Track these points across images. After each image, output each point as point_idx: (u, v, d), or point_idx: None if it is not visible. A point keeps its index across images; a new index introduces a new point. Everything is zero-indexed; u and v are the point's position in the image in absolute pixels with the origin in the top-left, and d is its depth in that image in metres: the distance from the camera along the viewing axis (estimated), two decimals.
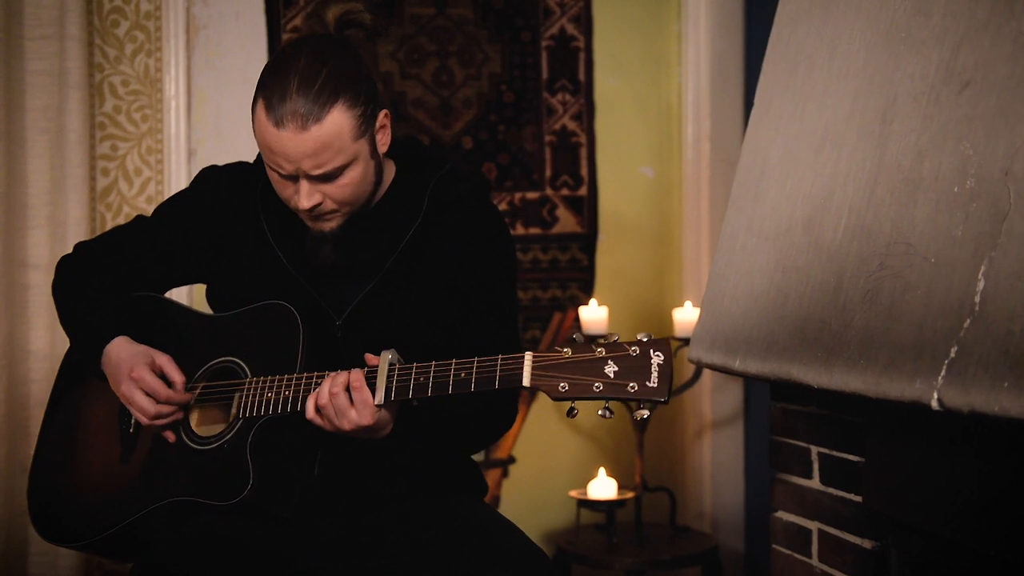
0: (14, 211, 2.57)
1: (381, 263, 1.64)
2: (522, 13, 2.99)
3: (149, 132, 2.73)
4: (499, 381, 1.38)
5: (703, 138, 3.07)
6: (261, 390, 1.57)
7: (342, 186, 1.56)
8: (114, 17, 2.71)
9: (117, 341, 1.65)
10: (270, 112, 1.51)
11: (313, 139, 1.50)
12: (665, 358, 1.31)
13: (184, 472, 1.63)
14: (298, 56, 1.53)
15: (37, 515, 1.78)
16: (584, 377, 1.33)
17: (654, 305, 3.11)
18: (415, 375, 1.44)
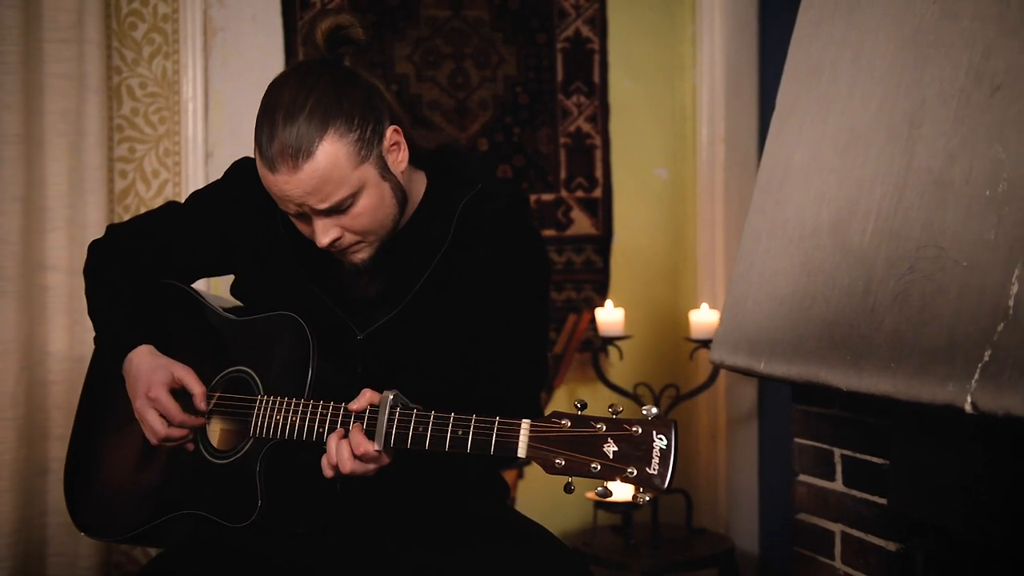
0: (33, 214, 2.58)
1: (408, 287, 1.59)
2: (537, 15, 3.00)
3: (166, 134, 2.74)
4: (494, 447, 1.33)
5: (718, 140, 3.08)
6: (271, 411, 1.54)
7: (356, 216, 1.50)
8: (132, 20, 2.72)
9: (140, 350, 1.63)
10: (262, 157, 1.45)
11: (308, 176, 1.43)
12: (668, 442, 1.23)
13: (199, 484, 1.62)
14: (282, 91, 1.46)
15: (71, 504, 1.79)
16: (582, 455, 1.26)
17: (668, 306, 3.11)
18: (414, 425, 1.40)
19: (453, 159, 1.67)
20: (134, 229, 1.80)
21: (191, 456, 1.64)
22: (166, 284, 1.78)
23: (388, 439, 1.41)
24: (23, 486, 2.54)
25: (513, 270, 1.61)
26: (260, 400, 1.56)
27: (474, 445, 1.34)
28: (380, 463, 1.44)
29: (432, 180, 1.64)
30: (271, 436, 1.53)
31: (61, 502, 2.58)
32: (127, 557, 2.71)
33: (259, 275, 1.70)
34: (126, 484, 1.73)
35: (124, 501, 1.72)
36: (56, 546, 2.61)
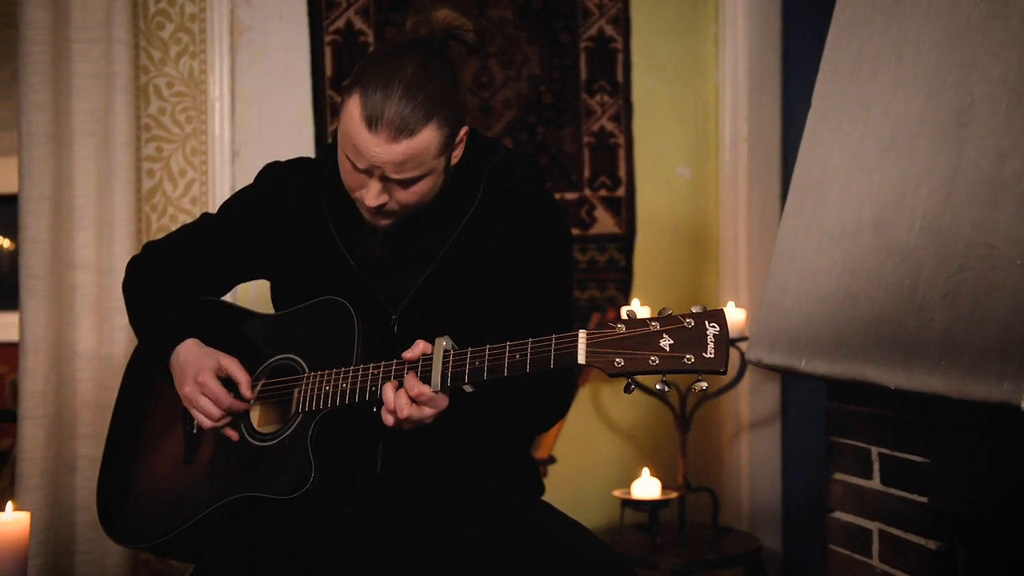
0: (61, 213, 2.59)
1: (436, 252, 1.65)
2: (561, 15, 3.00)
3: (193, 133, 2.75)
4: (554, 360, 1.37)
5: (740, 139, 3.08)
6: (319, 384, 1.58)
7: (411, 192, 1.58)
8: (159, 20, 2.73)
9: (186, 344, 1.67)
10: (365, 110, 1.51)
11: (402, 151, 1.51)
12: (721, 328, 1.30)
13: (246, 469, 1.64)
14: (405, 63, 1.53)
15: (104, 516, 1.80)
16: (639, 351, 1.31)
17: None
18: (470, 360, 1.45)
19: (472, 136, 1.73)
20: (171, 243, 1.84)
21: (236, 445, 1.66)
22: (205, 300, 1.82)
23: (444, 379, 1.45)
24: (52, 484, 2.55)
25: (540, 234, 1.68)
26: (307, 377, 1.60)
27: (533, 363, 1.38)
28: (437, 407, 1.48)
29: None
30: (320, 407, 1.56)
31: (89, 499, 2.61)
32: (154, 555, 2.72)
33: (298, 270, 1.73)
34: (165, 489, 1.75)
35: (163, 505, 1.73)
36: (84, 543, 2.62)
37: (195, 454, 1.72)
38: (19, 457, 2.51)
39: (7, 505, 1.96)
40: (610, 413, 3.03)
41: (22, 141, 2.54)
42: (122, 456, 1.82)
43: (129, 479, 1.79)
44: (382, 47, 1.64)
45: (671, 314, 1.33)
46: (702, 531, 2.71)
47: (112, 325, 2.62)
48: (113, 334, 2.62)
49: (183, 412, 1.75)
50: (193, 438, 1.74)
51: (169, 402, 1.77)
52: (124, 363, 2.60)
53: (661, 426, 3.01)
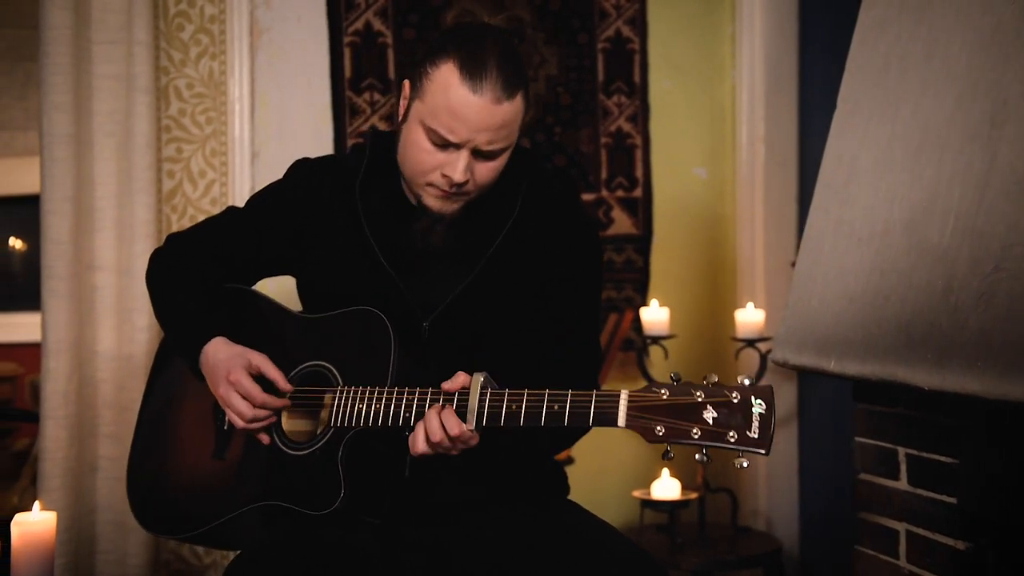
0: (82, 214, 2.59)
1: (473, 263, 1.65)
2: (578, 15, 3.01)
3: (213, 134, 2.75)
4: (593, 419, 1.38)
5: (757, 140, 3.08)
6: (352, 401, 1.57)
7: (491, 168, 1.59)
8: (179, 21, 2.73)
9: (215, 342, 1.67)
10: (467, 75, 1.51)
11: (502, 114, 1.53)
12: (767, 408, 1.29)
13: (276, 476, 1.64)
14: (491, 37, 1.56)
15: (136, 506, 1.80)
16: (682, 422, 1.31)
17: (707, 306, 3.12)
18: (507, 403, 1.44)
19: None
20: (195, 235, 1.83)
21: (266, 450, 1.66)
22: (232, 288, 1.80)
23: (480, 419, 1.45)
24: (74, 484, 2.55)
25: (574, 250, 1.68)
26: (340, 391, 1.59)
27: (572, 418, 1.38)
28: (467, 444, 1.48)
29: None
30: (353, 425, 1.56)
31: (110, 499, 2.61)
32: (175, 555, 2.73)
33: (328, 269, 1.72)
34: (195, 482, 1.75)
35: (193, 499, 1.73)
36: (105, 543, 2.63)
37: (226, 450, 1.73)
38: (41, 457, 2.52)
39: (34, 504, 1.97)
40: None
41: (43, 142, 2.54)
42: (152, 446, 1.82)
43: (160, 470, 1.79)
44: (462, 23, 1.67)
45: (717, 384, 1.31)
46: (721, 531, 2.71)
47: (132, 326, 2.62)
48: (134, 335, 2.62)
49: (213, 406, 1.75)
50: (224, 434, 1.74)
51: (198, 395, 1.76)
52: (145, 363, 2.62)
53: None
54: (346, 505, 1.55)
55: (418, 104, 1.57)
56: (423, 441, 1.48)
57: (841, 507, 2.88)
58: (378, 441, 1.60)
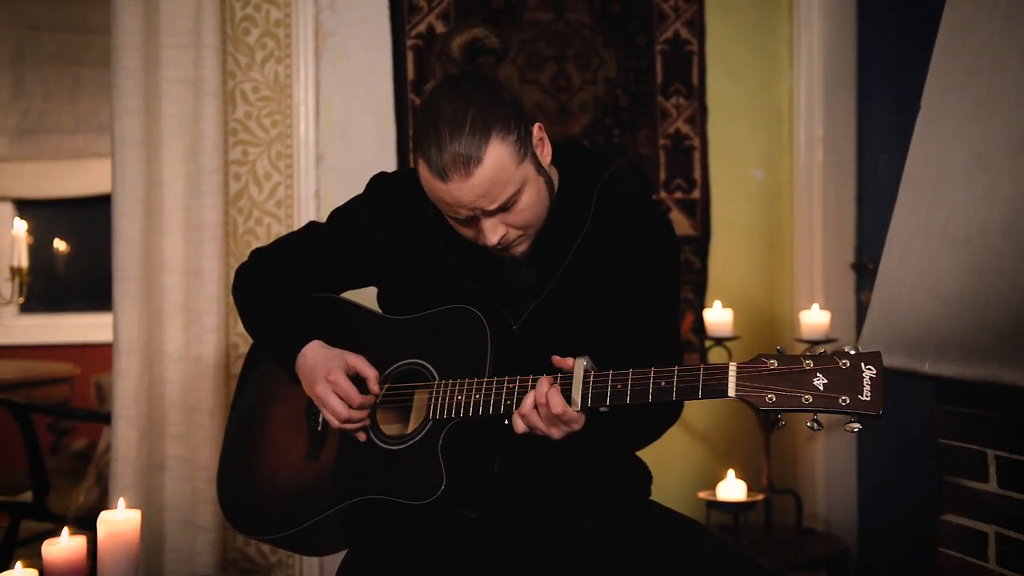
0: (152, 216, 2.62)
1: (555, 267, 1.66)
2: (637, 18, 3.01)
3: (278, 137, 2.78)
4: (702, 391, 1.39)
5: (815, 141, 3.08)
6: (451, 393, 1.60)
7: (520, 212, 1.59)
8: (245, 25, 2.76)
9: (312, 345, 1.69)
10: (432, 168, 1.53)
11: (480, 180, 1.52)
12: (877, 371, 1.30)
13: (375, 471, 1.66)
14: (440, 105, 1.54)
15: (228, 508, 1.82)
16: (792, 389, 1.32)
17: (764, 307, 3.12)
18: (612, 383, 1.46)
19: (578, 150, 1.75)
20: (280, 249, 1.86)
21: (363, 447, 1.68)
22: (321, 296, 1.83)
23: (585, 399, 1.46)
24: (143, 483, 2.59)
25: (652, 249, 1.69)
26: (437, 385, 1.62)
27: (680, 392, 1.40)
28: (571, 427, 1.49)
29: (563, 171, 1.72)
30: (452, 416, 1.58)
31: (178, 498, 2.64)
32: (242, 554, 2.75)
33: (410, 282, 1.75)
34: (289, 484, 1.76)
35: (287, 500, 1.75)
36: (173, 542, 2.65)
37: (319, 451, 1.74)
38: (114, 457, 2.55)
39: (119, 502, 2.00)
40: (688, 414, 3.03)
41: (115, 146, 2.58)
42: (244, 449, 1.84)
43: (252, 472, 1.81)
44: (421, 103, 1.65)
45: (824, 353, 1.33)
46: (786, 533, 2.71)
47: (200, 327, 2.65)
48: (201, 335, 2.65)
49: (307, 408, 1.77)
50: (318, 435, 1.76)
51: (291, 398, 1.79)
52: (213, 364, 2.65)
53: (737, 426, 3.01)
54: (447, 495, 1.56)
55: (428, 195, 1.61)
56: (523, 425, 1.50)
57: (901, 508, 2.87)
58: (474, 432, 1.61)
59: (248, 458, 1.83)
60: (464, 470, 1.61)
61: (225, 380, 2.70)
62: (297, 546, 1.86)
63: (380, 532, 1.62)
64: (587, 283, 1.67)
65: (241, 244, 2.74)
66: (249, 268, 1.86)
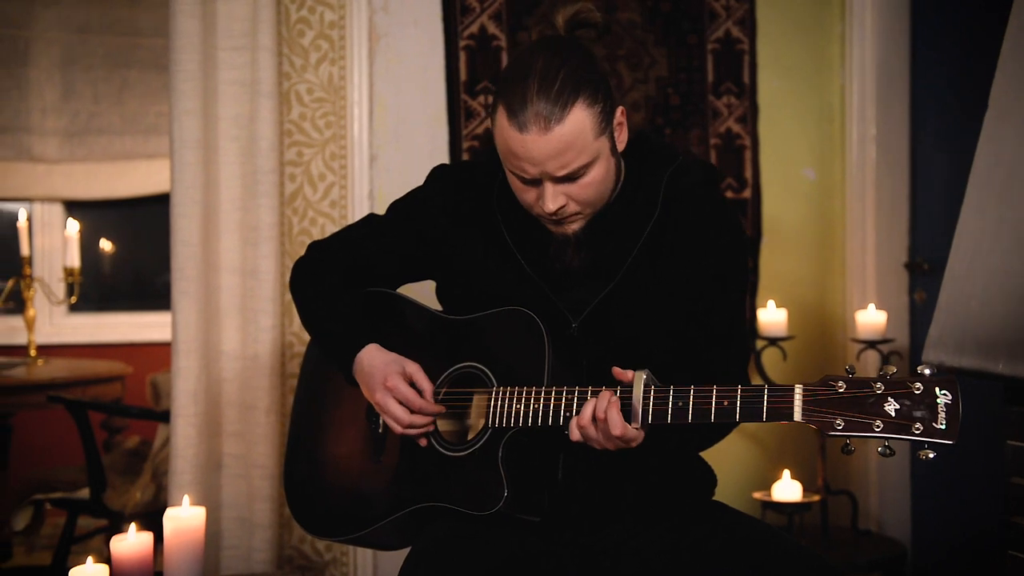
0: (209, 216, 2.65)
1: (618, 263, 1.65)
2: (688, 17, 3.01)
3: (333, 138, 2.80)
4: (767, 414, 1.36)
5: (868, 140, 3.06)
6: (510, 401, 1.58)
7: (585, 186, 1.57)
8: (300, 27, 2.78)
9: (368, 349, 1.68)
10: (512, 117, 1.52)
11: (557, 140, 1.51)
12: (952, 397, 1.26)
13: (437, 477, 1.66)
14: (534, 58, 1.54)
15: (295, 507, 1.83)
16: (862, 415, 1.29)
17: (816, 307, 3.10)
18: (673, 399, 1.44)
19: (645, 141, 1.73)
20: (337, 242, 1.85)
21: (424, 451, 1.68)
22: (377, 292, 1.82)
23: (645, 416, 1.44)
24: (202, 480, 2.61)
25: (719, 241, 1.66)
26: (496, 392, 1.61)
27: (743, 414, 1.38)
28: (628, 445, 1.48)
29: (628, 161, 1.70)
30: (511, 425, 1.57)
31: (235, 496, 2.67)
32: (297, 552, 2.78)
33: (472, 275, 1.74)
34: (353, 485, 1.77)
35: (352, 501, 1.76)
36: (230, 539, 2.68)
37: (381, 453, 1.75)
38: (173, 454, 2.58)
39: (183, 499, 2.03)
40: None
41: (174, 147, 2.61)
42: (309, 449, 1.85)
43: (316, 472, 1.82)
44: (513, 56, 1.65)
45: (896, 375, 1.29)
46: (842, 535, 2.70)
47: (257, 326, 2.68)
48: (258, 335, 2.67)
49: (367, 410, 1.78)
50: (379, 437, 1.76)
51: (352, 398, 1.79)
52: (269, 363, 2.67)
53: (789, 427, 2.99)
54: (508, 505, 1.57)
55: (497, 147, 1.60)
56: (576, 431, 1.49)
57: (956, 509, 2.84)
58: (536, 439, 1.61)
59: (313, 458, 1.84)
60: (526, 476, 1.60)
61: (280, 379, 2.72)
62: (362, 544, 1.88)
63: (442, 536, 1.62)
64: (651, 279, 1.65)
65: (296, 244, 2.77)
66: (307, 262, 1.85)
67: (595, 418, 1.47)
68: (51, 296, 3.99)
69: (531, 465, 1.62)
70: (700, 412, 1.42)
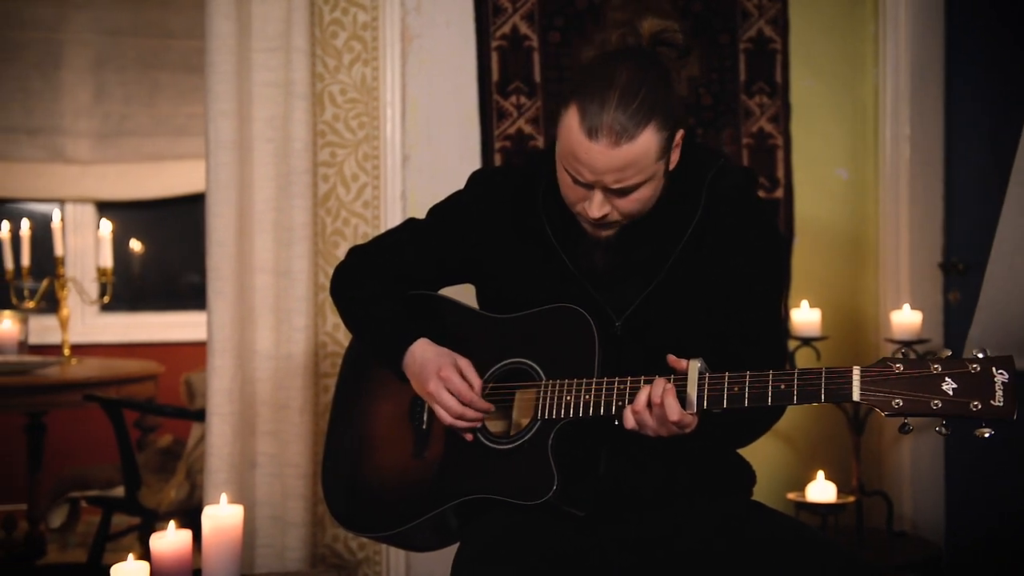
0: (244, 217, 2.67)
1: (660, 263, 1.66)
2: (720, 16, 3.00)
3: (365, 139, 2.81)
4: (825, 395, 1.38)
5: (902, 139, 3.04)
6: (559, 393, 1.60)
7: (632, 200, 1.59)
8: (333, 29, 2.80)
9: (420, 343, 1.70)
10: (584, 121, 1.53)
11: (623, 156, 1.53)
12: (1010, 376, 1.28)
13: (484, 470, 1.67)
14: (619, 68, 1.54)
15: (334, 505, 1.84)
16: (920, 394, 1.31)
17: (849, 307, 3.08)
18: (728, 385, 1.45)
19: (689, 142, 1.73)
20: (379, 247, 1.87)
21: (470, 446, 1.69)
22: (420, 294, 1.84)
23: (700, 402, 1.46)
24: (237, 479, 2.63)
25: (758, 245, 1.68)
26: (545, 385, 1.62)
27: (801, 395, 1.40)
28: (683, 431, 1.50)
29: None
30: (561, 417, 1.59)
31: (269, 494, 2.69)
32: (331, 550, 2.79)
33: (513, 277, 1.75)
34: (396, 481, 1.78)
35: (394, 498, 1.77)
36: (264, 537, 2.70)
37: (425, 449, 1.76)
38: (208, 453, 2.60)
39: (222, 497, 2.04)
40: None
41: (209, 148, 2.63)
42: (349, 447, 1.86)
43: (358, 470, 1.83)
44: (595, 58, 1.63)
45: (951, 357, 1.31)
46: (877, 536, 2.68)
47: (290, 326, 2.69)
48: (291, 334, 2.69)
49: (410, 406, 1.79)
50: (423, 433, 1.77)
51: (393, 396, 1.81)
52: (303, 363, 2.69)
53: (822, 427, 2.98)
54: (558, 496, 1.57)
55: (558, 145, 1.61)
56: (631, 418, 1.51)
57: (990, 510, 2.82)
58: (580, 432, 1.62)
59: (353, 456, 1.86)
60: (572, 469, 1.62)
61: (314, 379, 2.74)
62: (401, 543, 1.88)
63: (490, 531, 1.63)
64: (692, 279, 1.66)
65: (329, 244, 2.78)
66: (348, 267, 1.87)
67: (650, 404, 1.49)
68: (84, 296, 4.03)
69: (577, 459, 1.63)
70: (757, 396, 1.43)
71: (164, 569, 1.90)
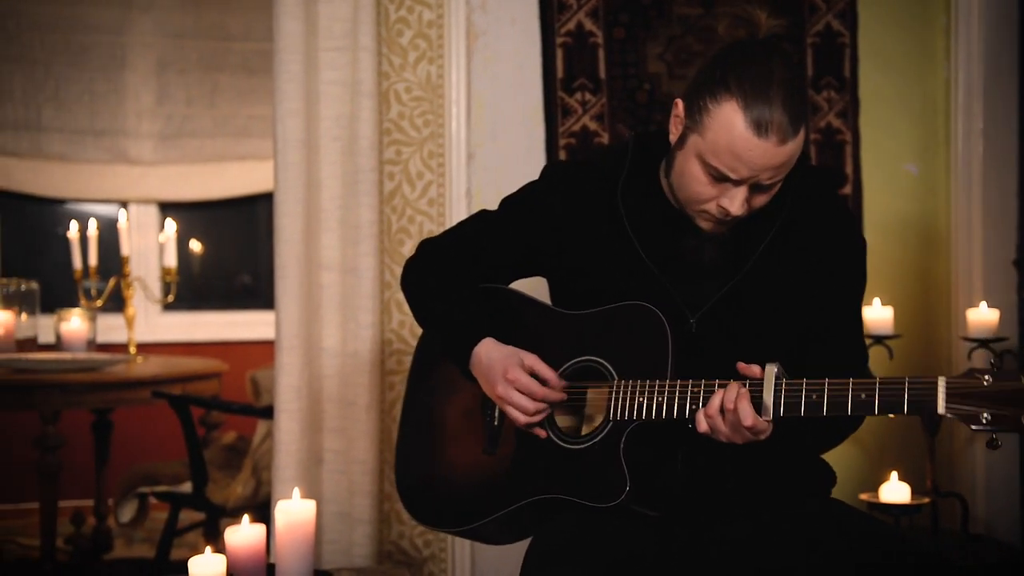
0: (311, 215, 2.69)
1: (742, 261, 1.64)
2: (788, 10, 2.96)
3: (430, 137, 2.82)
4: (907, 406, 1.35)
5: (974, 134, 2.98)
6: (632, 394, 1.58)
7: (767, 196, 1.58)
8: (399, 27, 2.81)
9: (485, 343, 1.68)
10: (750, 115, 1.48)
11: (785, 154, 1.51)
12: None
13: (555, 470, 1.65)
14: (773, 63, 1.50)
15: (407, 498, 1.85)
16: (1010, 408, 1.27)
17: (920, 305, 3.02)
18: (807, 393, 1.43)
19: None
20: (449, 240, 1.86)
21: (542, 444, 1.68)
22: (491, 287, 1.82)
23: (777, 408, 1.44)
24: (304, 475, 2.65)
25: (839, 249, 1.67)
26: (617, 385, 1.60)
27: (882, 406, 1.37)
28: (757, 437, 1.48)
29: None
30: (633, 418, 1.57)
31: (335, 491, 2.70)
32: (396, 547, 2.80)
33: (588, 271, 1.73)
34: (468, 477, 1.78)
35: (467, 494, 1.76)
36: (330, 533, 2.71)
37: (496, 446, 1.75)
38: (276, 449, 2.62)
39: (294, 492, 2.06)
40: None
41: (277, 147, 2.65)
42: (422, 443, 1.86)
43: (430, 465, 1.83)
44: (734, 46, 1.55)
45: None
46: (952, 538, 2.62)
47: (356, 323, 2.70)
48: (358, 332, 2.70)
49: (481, 402, 1.78)
50: (494, 429, 1.76)
51: (465, 391, 1.80)
52: (368, 360, 2.70)
53: (893, 428, 2.92)
54: (630, 498, 1.56)
55: (696, 138, 1.55)
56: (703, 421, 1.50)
57: None
58: (655, 433, 1.60)
59: (427, 451, 1.85)
60: (646, 470, 1.60)
61: (380, 376, 2.75)
62: (473, 537, 1.88)
63: (562, 532, 1.61)
64: (771, 279, 1.64)
65: (394, 242, 2.79)
66: (419, 260, 1.86)
67: (723, 409, 1.46)
68: (149, 295, 4.09)
69: (651, 460, 1.61)
70: (836, 404, 1.41)
71: (239, 562, 1.92)
